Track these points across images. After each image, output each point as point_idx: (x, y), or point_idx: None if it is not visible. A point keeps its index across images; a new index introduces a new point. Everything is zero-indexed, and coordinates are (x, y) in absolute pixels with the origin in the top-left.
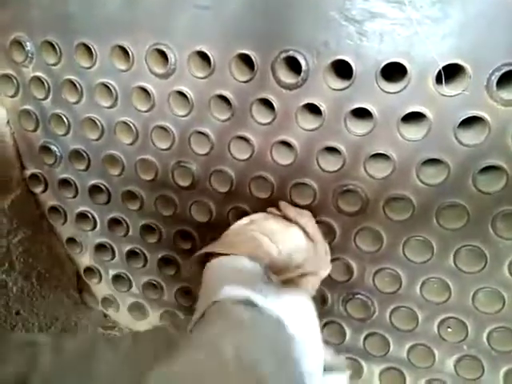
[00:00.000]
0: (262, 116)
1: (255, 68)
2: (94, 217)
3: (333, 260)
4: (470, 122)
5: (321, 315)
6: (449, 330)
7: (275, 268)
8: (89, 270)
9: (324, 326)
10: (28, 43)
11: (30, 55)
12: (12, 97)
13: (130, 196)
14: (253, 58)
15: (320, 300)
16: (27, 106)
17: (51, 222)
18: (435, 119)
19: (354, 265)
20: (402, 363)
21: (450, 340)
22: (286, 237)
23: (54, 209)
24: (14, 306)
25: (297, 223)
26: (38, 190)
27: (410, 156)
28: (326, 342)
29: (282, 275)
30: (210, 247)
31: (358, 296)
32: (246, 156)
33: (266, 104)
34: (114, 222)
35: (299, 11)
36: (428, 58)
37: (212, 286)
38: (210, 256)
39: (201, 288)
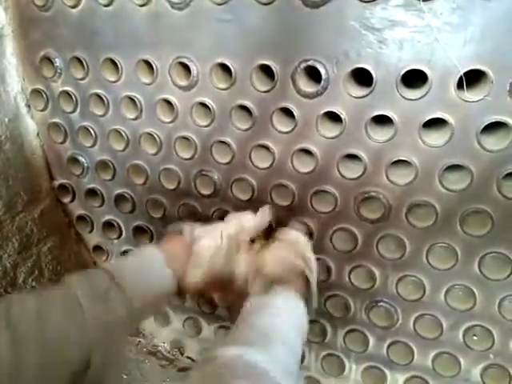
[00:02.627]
0: (282, 125)
1: (275, 78)
2: (119, 225)
3: (355, 267)
4: (493, 127)
5: (344, 323)
6: (474, 338)
7: None
8: None
9: (347, 333)
10: (57, 59)
11: (58, 71)
12: (42, 110)
13: (154, 204)
14: (273, 68)
15: (343, 308)
16: (56, 119)
17: (79, 230)
18: (457, 125)
19: (376, 272)
20: (426, 372)
21: (476, 348)
22: None
23: (81, 218)
24: None
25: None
26: (67, 199)
27: (433, 162)
28: (349, 350)
29: None
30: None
31: (381, 304)
32: (266, 164)
33: (287, 113)
34: (139, 230)
35: (319, 22)
36: (449, 65)
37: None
38: None
39: (237, 319)
